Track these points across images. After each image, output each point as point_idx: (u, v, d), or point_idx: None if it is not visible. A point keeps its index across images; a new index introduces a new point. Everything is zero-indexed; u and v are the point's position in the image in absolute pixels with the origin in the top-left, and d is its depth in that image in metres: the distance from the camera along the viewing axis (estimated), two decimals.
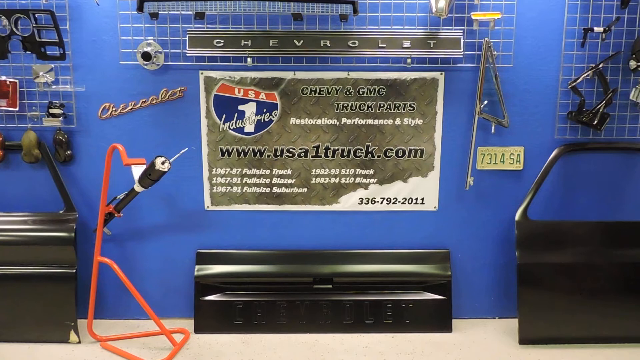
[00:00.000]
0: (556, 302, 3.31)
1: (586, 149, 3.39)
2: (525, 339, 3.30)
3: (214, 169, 3.41)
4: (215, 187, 3.43)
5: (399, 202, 3.46)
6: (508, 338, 3.38)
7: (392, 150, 3.39)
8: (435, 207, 3.48)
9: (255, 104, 3.33)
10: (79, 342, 3.30)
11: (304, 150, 3.39)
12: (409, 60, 3.23)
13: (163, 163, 2.97)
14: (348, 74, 3.30)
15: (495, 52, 3.24)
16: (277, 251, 3.49)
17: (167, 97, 3.30)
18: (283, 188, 3.43)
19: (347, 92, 3.32)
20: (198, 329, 3.42)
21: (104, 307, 3.52)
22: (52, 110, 3.25)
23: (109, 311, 3.54)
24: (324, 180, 3.43)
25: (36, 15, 3.15)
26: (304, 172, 3.41)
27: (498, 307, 3.60)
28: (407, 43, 3.19)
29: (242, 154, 3.38)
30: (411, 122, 3.36)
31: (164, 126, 3.35)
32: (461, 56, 3.25)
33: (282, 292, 3.46)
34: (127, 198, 3.20)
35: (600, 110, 3.25)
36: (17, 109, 3.25)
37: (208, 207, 3.46)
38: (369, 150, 3.39)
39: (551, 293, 3.31)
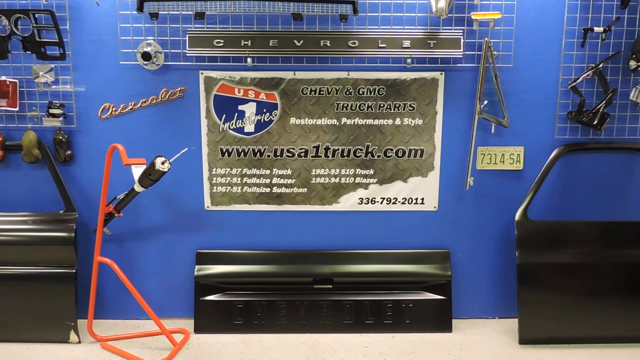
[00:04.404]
0: (556, 302, 3.31)
1: (586, 149, 3.39)
2: (526, 339, 3.30)
3: (214, 169, 3.41)
4: (215, 187, 3.43)
5: (399, 202, 3.46)
6: (508, 338, 3.38)
7: (392, 150, 3.39)
8: (435, 207, 3.48)
9: (255, 104, 3.33)
10: (79, 342, 3.30)
11: (304, 150, 3.39)
12: (409, 60, 3.22)
13: (163, 163, 2.96)
14: (348, 74, 3.30)
15: (495, 52, 3.24)
16: (277, 251, 3.49)
17: (167, 97, 3.30)
18: (283, 188, 3.43)
19: (347, 92, 3.32)
20: (198, 329, 3.42)
21: (104, 307, 3.52)
22: (52, 110, 3.25)
23: (109, 311, 3.54)
24: (324, 180, 3.43)
25: (36, 15, 3.15)
26: (304, 172, 3.41)
27: (498, 307, 3.60)
28: (407, 43, 3.19)
29: (242, 154, 3.39)
30: (411, 122, 3.36)
31: (164, 126, 3.35)
32: (461, 56, 3.24)
33: (282, 292, 3.46)
34: (127, 198, 3.20)
35: (600, 110, 3.25)
36: (17, 109, 3.25)
37: (208, 207, 3.46)
38: (369, 150, 3.39)
39: (551, 293, 3.31)
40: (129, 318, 3.56)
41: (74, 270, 3.28)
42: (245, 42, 3.17)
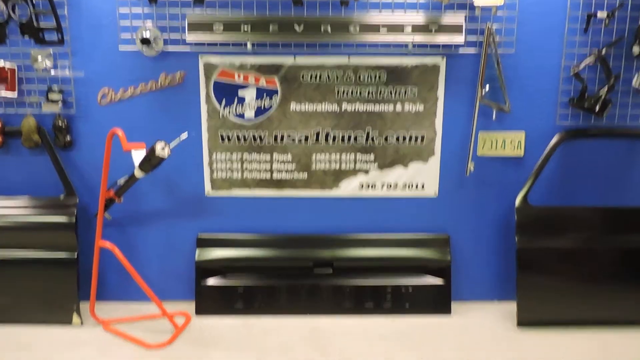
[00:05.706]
0: (554, 285, 3.34)
1: (587, 135, 3.39)
2: (524, 322, 3.34)
3: (214, 155, 3.40)
4: (215, 173, 3.43)
5: (399, 187, 3.46)
6: (506, 321, 3.42)
7: (392, 135, 3.38)
8: (435, 192, 3.48)
9: (255, 89, 3.31)
10: (82, 324, 3.34)
11: (304, 135, 3.38)
12: (410, 46, 3.20)
13: (163, 148, 2.96)
14: (349, 60, 3.27)
15: (498, 38, 3.21)
16: (278, 236, 3.51)
17: (166, 82, 3.28)
18: (283, 173, 3.44)
19: (348, 78, 3.30)
20: (199, 312, 3.46)
21: (106, 291, 3.55)
22: (51, 96, 3.23)
23: (110, 295, 3.57)
24: (324, 165, 3.43)
25: (34, 0, 3.11)
26: (304, 158, 3.41)
27: (497, 291, 3.63)
28: (408, 28, 3.16)
29: (242, 139, 3.38)
30: (412, 107, 3.34)
31: (164, 112, 3.33)
32: (463, 42, 3.21)
33: (283, 276, 3.49)
34: (127, 183, 3.20)
35: (602, 97, 3.23)
36: (16, 95, 3.24)
37: (208, 192, 3.46)
38: (370, 135, 3.38)
39: (550, 277, 3.34)
40: (130, 301, 3.59)
41: (75, 255, 3.30)
42: (245, 28, 3.14)
